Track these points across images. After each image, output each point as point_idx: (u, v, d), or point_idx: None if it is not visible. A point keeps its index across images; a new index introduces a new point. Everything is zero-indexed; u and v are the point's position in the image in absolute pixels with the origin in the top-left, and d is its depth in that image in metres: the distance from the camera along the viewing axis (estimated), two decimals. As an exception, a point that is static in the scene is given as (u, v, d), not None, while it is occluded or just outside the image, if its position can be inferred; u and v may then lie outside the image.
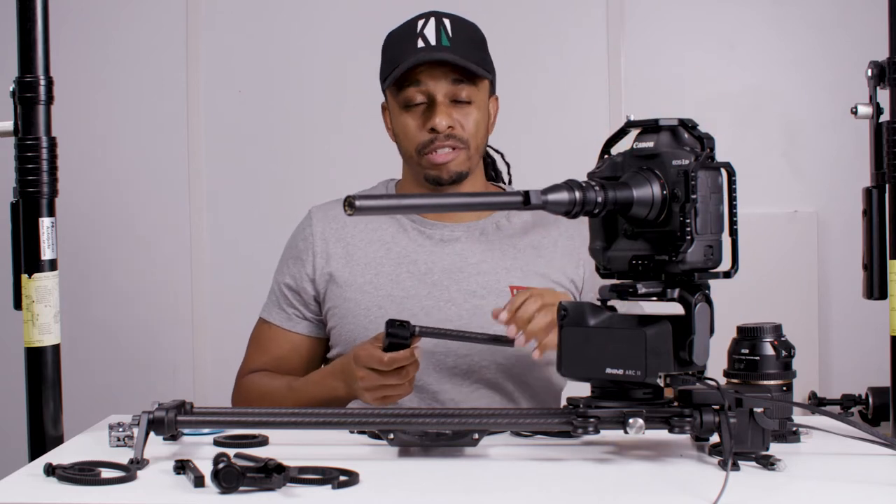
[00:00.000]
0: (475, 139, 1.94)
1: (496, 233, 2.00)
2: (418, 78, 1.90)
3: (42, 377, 1.65)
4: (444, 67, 1.90)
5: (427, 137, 1.91)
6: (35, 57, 1.63)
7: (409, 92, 1.92)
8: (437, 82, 1.90)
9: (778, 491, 1.35)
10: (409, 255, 1.98)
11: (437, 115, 1.90)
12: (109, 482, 1.38)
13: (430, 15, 1.94)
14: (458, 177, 1.94)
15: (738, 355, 1.48)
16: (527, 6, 3.16)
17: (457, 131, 1.91)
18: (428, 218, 2.00)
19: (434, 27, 1.91)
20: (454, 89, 1.91)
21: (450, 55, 1.89)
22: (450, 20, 1.93)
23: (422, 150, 1.92)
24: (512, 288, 1.94)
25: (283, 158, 3.22)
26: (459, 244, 1.98)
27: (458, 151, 1.92)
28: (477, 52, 1.95)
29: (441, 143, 1.91)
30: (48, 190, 1.64)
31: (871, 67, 1.65)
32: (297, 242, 2.05)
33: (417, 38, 1.91)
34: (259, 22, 3.24)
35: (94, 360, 3.19)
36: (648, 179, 1.44)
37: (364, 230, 2.01)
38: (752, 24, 3.18)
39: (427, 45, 1.90)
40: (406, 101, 1.93)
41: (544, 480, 1.41)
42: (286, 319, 2.02)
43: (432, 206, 1.78)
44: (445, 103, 1.91)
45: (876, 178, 1.66)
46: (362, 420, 1.53)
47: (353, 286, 1.97)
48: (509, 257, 1.98)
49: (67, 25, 3.08)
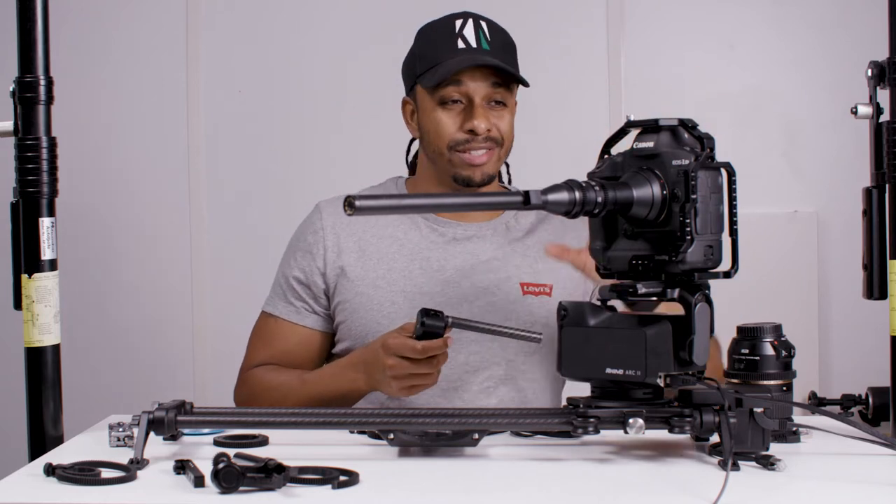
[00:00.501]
0: (507, 140, 1.96)
1: (506, 233, 2.01)
2: (459, 78, 1.91)
3: (42, 377, 1.65)
4: (486, 70, 1.91)
5: (463, 137, 1.92)
6: (35, 57, 1.63)
7: (448, 91, 1.92)
8: (477, 84, 1.91)
9: (778, 491, 1.35)
10: (421, 252, 1.97)
11: (476, 117, 1.90)
12: (109, 482, 1.38)
13: (467, 15, 1.95)
14: (489, 179, 1.95)
15: (738, 355, 1.48)
16: (527, 6, 3.16)
17: (493, 133, 1.92)
18: (441, 216, 2.00)
19: (473, 29, 1.93)
20: (492, 92, 1.92)
21: (495, 59, 1.91)
22: (486, 23, 1.95)
23: (454, 148, 1.92)
24: (522, 285, 1.95)
25: (283, 158, 3.22)
26: (471, 243, 1.98)
27: (492, 152, 1.93)
28: (512, 57, 1.97)
29: (478, 145, 1.91)
30: (48, 190, 1.64)
31: (871, 67, 1.65)
32: (306, 236, 2.03)
33: (457, 39, 1.92)
34: (259, 22, 3.24)
35: (94, 360, 3.19)
36: (648, 179, 1.44)
37: (376, 225, 2.00)
38: (752, 24, 3.18)
39: (468, 47, 1.91)
40: (443, 99, 1.92)
41: (544, 480, 1.41)
42: (294, 312, 2.01)
43: (432, 206, 1.79)
44: (483, 105, 1.92)
45: (876, 178, 1.66)
46: (362, 420, 1.53)
47: (365, 281, 1.96)
48: (519, 255, 1.98)
49: (67, 25, 3.08)
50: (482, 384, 1.93)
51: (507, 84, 1.94)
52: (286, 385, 1.93)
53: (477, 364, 1.93)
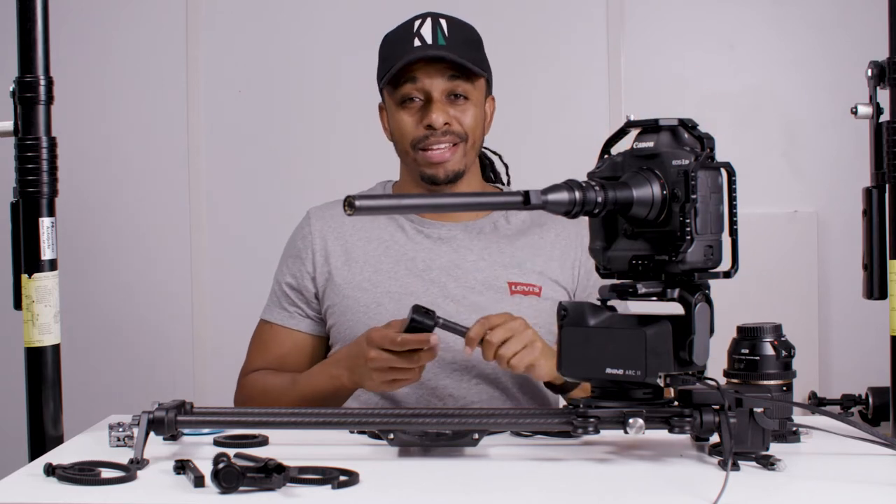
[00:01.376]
0: (472, 134, 1.95)
1: (493, 232, 2.01)
2: (415, 75, 1.92)
3: (42, 377, 1.65)
4: (441, 65, 1.91)
5: (423, 133, 1.92)
6: (35, 57, 1.63)
7: (406, 89, 1.93)
8: (433, 79, 1.92)
9: (778, 491, 1.35)
10: (407, 253, 1.98)
11: (433, 111, 1.91)
12: (109, 482, 1.38)
13: (426, 16, 1.95)
14: (455, 176, 1.95)
15: (738, 355, 1.48)
16: (527, 6, 3.16)
17: (454, 127, 1.93)
18: (426, 217, 2.00)
19: (430, 27, 1.93)
20: (451, 86, 1.92)
21: (446, 52, 1.91)
22: (446, 20, 1.95)
23: (417, 146, 1.93)
24: (510, 284, 1.95)
25: (282, 158, 3.22)
26: (457, 242, 1.99)
27: (456, 147, 1.93)
28: (473, 51, 1.96)
29: (437, 139, 1.92)
30: (48, 190, 1.64)
31: (871, 67, 1.65)
32: (296, 242, 2.06)
33: (414, 38, 1.93)
34: (259, 22, 3.24)
35: (94, 360, 3.19)
36: (648, 179, 1.44)
37: (362, 229, 2.02)
38: (752, 24, 3.18)
39: (424, 44, 1.92)
40: (402, 98, 1.94)
41: (544, 480, 1.41)
42: (288, 318, 2.03)
43: (432, 206, 1.78)
44: (442, 100, 1.92)
45: (876, 178, 1.66)
46: (362, 420, 1.53)
47: (351, 284, 1.97)
48: (507, 255, 1.98)
49: (67, 25, 3.08)
50: (471, 384, 1.94)
51: (468, 77, 1.93)
52: (280, 387, 1.95)
53: (464, 364, 1.93)
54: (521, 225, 2.03)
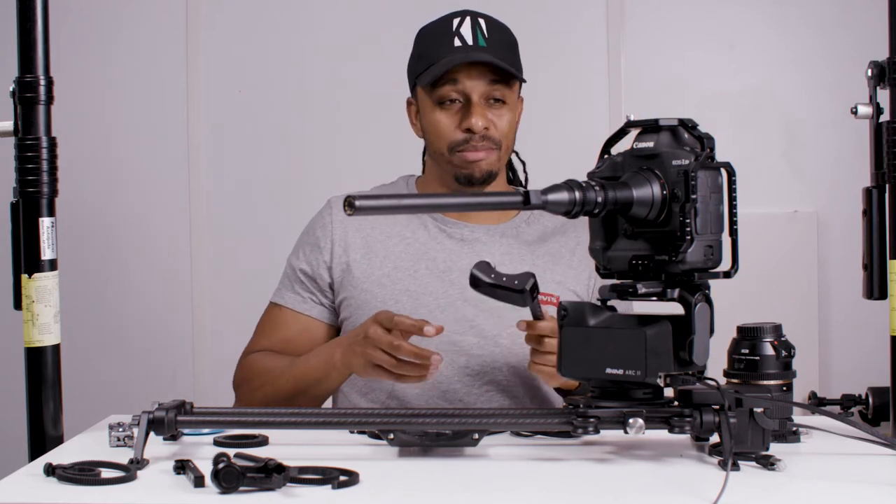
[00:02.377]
0: (507, 140, 1.95)
1: (515, 238, 2.00)
2: (455, 77, 1.90)
3: (42, 377, 1.65)
4: (482, 68, 1.90)
5: (462, 137, 1.91)
6: (35, 57, 1.63)
7: (445, 90, 1.91)
8: (474, 82, 1.90)
9: (778, 491, 1.35)
10: (428, 252, 1.97)
11: (473, 115, 1.89)
12: (109, 482, 1.38)
13: (465, 14, 1.94)
14: (489, 176, 1.94)
15: (738, 355, 1.48)
16: (527, 6, 3.16)
17: (491, 132, 1.91)
18: (449, 217, 1.99)
19: (470, 26, 1.92)
20: (490, 90, 1.91)
21: (489, 56, 1.89)
22: (485, 20, 1.94)
23: (454, 148, 1.92)
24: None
25: (283, 158, 3.22)
26: (479, 245, 1.98)
27: (490, 152, 1.92)
28: (511, 54, 1.96)
29: (476, 144, 1.91)
30: (48, 190, 1.64)
31: (871, 67, 1.65)
32: (315, 230, 2.03)
33: (454, 37, 1.91)
34: (259, 22, 3.24)
35: (94, 360, 3.19)
36: (648, 179, 1.44)
37: (384, 223, 2.00)
38: (752, 24, 3.18)
39: (465, 45, 1.90)
40: (440, 99, 1.92)
41: (544, 480, 1.41)
42: (300, 302, 2.01)
43: (432, 206, 1.78)
44: (481, 104, 1.91)
45: (876, 178, 1.66)
46: (362, 420, 1.53)
47: (370, 278, 1.96)
48: (527, 263, 1.97)
49: (67, 25, 3.08)
50: (482, 389, 1.93)
51: (507, 81, 1.93)
52: (277, 369, 1.92)
53: (478, 369, 1.93)
54: (542, 230, 2.02)
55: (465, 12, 1.94)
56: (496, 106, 1.92)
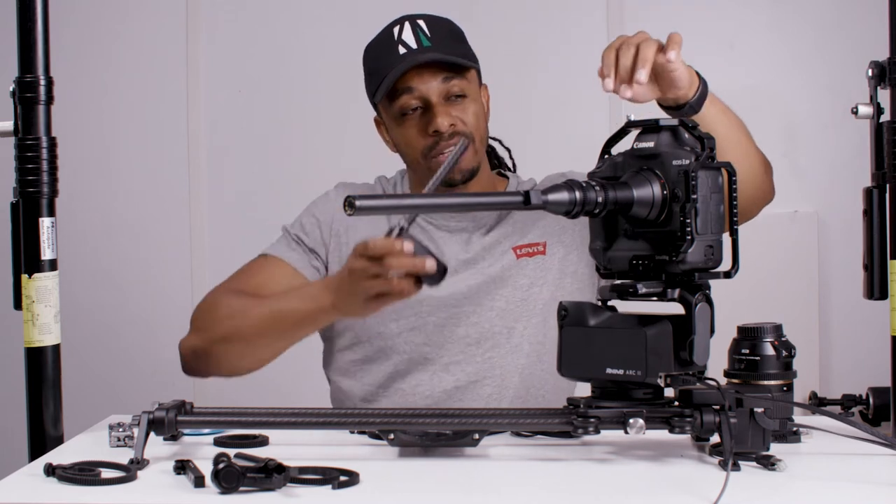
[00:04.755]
0: (478, 131, 1.93)
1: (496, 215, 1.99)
2: (409, 84, 1.89)
3: (42, 377, 1.65)
4: (433, 68, 1.89)
5: (431, 141, 1.90)
6: (35, 57, 1.63)
7: (403, 100, 1.90)
8: (428, 85, 1.89)
9: (778, 491, 1.35)
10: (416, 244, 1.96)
11: (436, 116, 1.88)
12: (109, 482, 1.38)
13: (403, 20, 1.92)
14: (471, 174, 1.93)
15: (738, 355, 1.48)
16: (527, 6, 3.16)
17: (459, 128, 1.90)
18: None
19: (411, 31, 1.90)
20: (446, 87, 1.90)
21: (436, 54, 1.88)
22: (424, 20, 1.92)
23: (428, 154, 1.91)
24: (515, 249, 1.94)
25: (283, 158, 3.22)
26: (466, 233, 1.98)
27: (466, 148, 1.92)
28: (459, 45, 1.94)
29: (446, 144, 1.89)
30: (48, 190, 1.64)
31: (871, 67, 1.65)
32: (319, 208, 2.01)
33: (397, 46, 1.89)
34: (259, 22, 3.24)
35: (94, 360, 3.19)
36: (649, 179, 1.44)
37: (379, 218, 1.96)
38: (752, 24, 3.18)
39: (410, 50, 1.89)
40: (402, 110, 1.91)
41: (544, 480, 1.41)
42: (295, 259, 1.95)
43: (433, 206, 1.78)
44: (441, 103, 1.89)
45: (876, 178, 1.66)
46: (362, 420, 1.53)
47: None
48: (508, 224, 1.97)
49: (67, 25, 3.08)
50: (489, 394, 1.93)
51: (462, 73, 1.91)
52: (249, 303, 1.83)
53: (485, 372, 1.93)
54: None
55: (404, 18, 1.93)
56: (458, 102, 1.91)
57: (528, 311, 1.93)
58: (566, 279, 1.96)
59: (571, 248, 1.97)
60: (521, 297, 1.93)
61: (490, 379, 1.92)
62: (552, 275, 1.94)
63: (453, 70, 1.90)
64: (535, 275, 1.94)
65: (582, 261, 1.96)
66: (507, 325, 1.93)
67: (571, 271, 1.96)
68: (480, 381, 1.92)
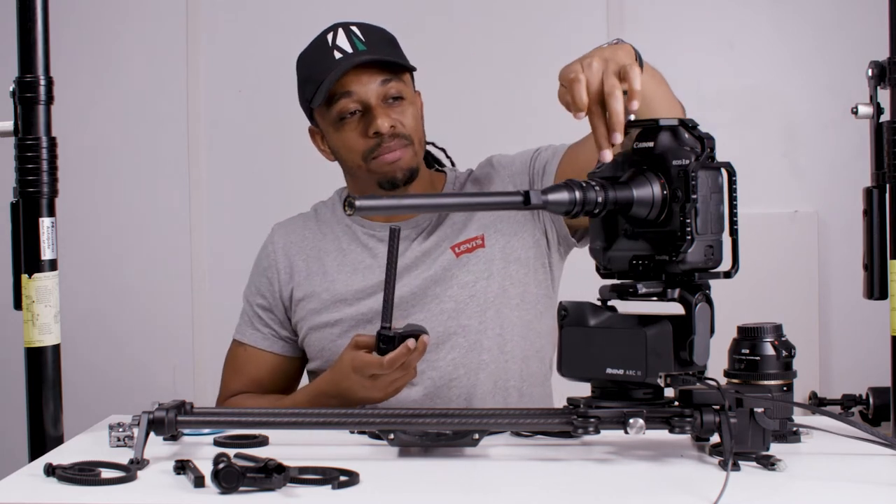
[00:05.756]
0: (417, 134, 1.94)
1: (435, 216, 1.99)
2: (347, 89, 1.89)
3: (42, 377, 1.65)
4: (371, 70, 1.89)
5: (372, 143, 1.90)
6: (35, 57, 1.63)
7: (342, 103, 1.90)
8: (366, 87, 1.89)
9: (778, 491, 1.35)
10: (363, 261, 1.97)
11: (377, 117, 1.88)
12: (109, 482, 1.38)
13: (336, 27, 1.93)
14: (411, 174, 1.93)
15: (738, 355, 1.48)
16: (527, 7, 3.16)
17: (399, 129, 1.90)
18: (373, 220, 1.99)
19: (345, 36, 1.91)
20: (384, 89, 1.90)
21: (373, 56, 1.89)
22: (357, 27, 1.93)
23: (369, 156, 1.91)
24: (453, 248, 1.94)
25: (283, 158, 3.22)
26: (407, 241, 1.97)
27: (405, 149, 1.91)
28: (394, 49, 1.96)
29: (388, 144, 1.89)
30: (48, 190, 1.64)
31: (871, 67, 1.65)
32: (262, 261, 2.06)
33: (332, 51, 1.90)
34: (259, 22, 3.24)
35: (94, 360, 3.19)
36: (649, 179, 1.44)
37: (323, 240, 2.01)
38: (752, 24, 3.18)
39: (346, 55, 1.89)
40: (340, 114, 1.91)
41: (544, 480, 1.41)
42: (261, 339, 2.02)
43: (433, 206, 1.78)
44: (381, 105, 1.90)
45: (876, 178, 1.66)
46: (362, 420, 1.53)
47: (313, 298, 1.97)
48: (446, 226, 1.97)
49: (67, 25, 3.08)
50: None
51: (399, 75, 1.92)
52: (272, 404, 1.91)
53: (449, 375, 1.93)
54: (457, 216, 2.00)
55: (336, 25, 1.94)
56: (396, 104, 1.91)
57: (480, 306, 1.92)
58: (511, 266, 1.95)
59: (510, 234, 1.96)
60: (468, 294, 1.93)
61: (456, 381, 1.92)
62: (496, 265, 1.94)
63: (391, 72, 1.90)
64: (478, 269, 1.93)
65: (525, 245, 1.96)
66: (461, 325, 1.93)
67: (515, 258, 1.96)
68: (447, 385, 1.92)
